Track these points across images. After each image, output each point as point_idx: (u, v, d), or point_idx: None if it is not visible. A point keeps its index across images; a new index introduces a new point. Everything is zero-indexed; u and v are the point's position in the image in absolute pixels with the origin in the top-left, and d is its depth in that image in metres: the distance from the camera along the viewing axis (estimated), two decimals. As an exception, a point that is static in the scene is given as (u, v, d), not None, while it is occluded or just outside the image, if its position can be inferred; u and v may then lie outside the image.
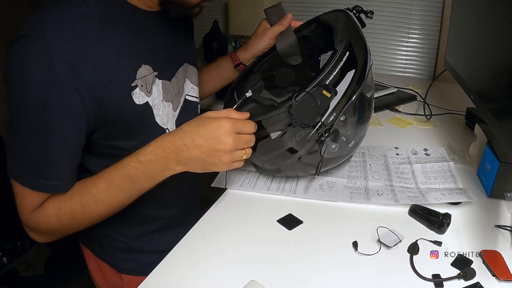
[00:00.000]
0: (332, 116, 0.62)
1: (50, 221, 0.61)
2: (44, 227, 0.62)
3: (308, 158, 0.68)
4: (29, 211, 0.61)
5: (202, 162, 0.59)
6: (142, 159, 0.60)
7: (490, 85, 0.73)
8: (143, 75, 0.65)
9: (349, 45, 0.65)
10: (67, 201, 0.61)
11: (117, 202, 0.63)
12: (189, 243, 0.63)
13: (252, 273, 0.56)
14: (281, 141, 0.65)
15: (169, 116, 0.72)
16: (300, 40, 0.81)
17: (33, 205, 0.61)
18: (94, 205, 0.62)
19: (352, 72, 0.64)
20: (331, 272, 0.56)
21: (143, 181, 0.62)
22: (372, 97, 0.72)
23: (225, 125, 0.57)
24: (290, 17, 0.79)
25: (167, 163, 0.60)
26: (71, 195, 0.62)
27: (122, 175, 0.61)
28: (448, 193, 0.70)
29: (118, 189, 0.62)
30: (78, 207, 0.61)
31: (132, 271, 0.79)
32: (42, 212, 0.61)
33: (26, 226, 0.63)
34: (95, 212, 0.63)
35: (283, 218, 0.68)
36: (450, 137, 0.96)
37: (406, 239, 0.61)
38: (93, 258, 0.83)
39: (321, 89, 0.60)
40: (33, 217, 0.61)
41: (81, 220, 0.63)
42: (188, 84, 0.79)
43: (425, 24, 1.54)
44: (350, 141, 0.69)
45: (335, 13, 0.75)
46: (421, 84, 1.41)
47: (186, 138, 0.58)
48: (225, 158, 0.58)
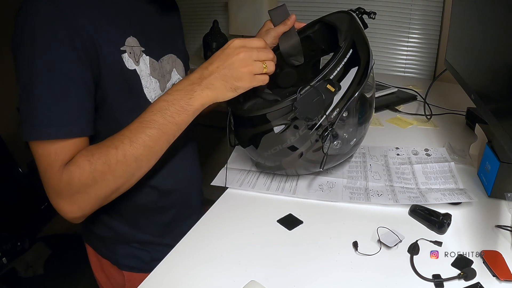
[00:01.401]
0: (335, 112, 0.64)
1: (83, 171, 0.59)
2: (76, 182, 0.60)
3: (310, 155, 0.68)
4: (58, 166, 0.60)
5: (225, 79, 0.62)
6: (170, 91, 0.63)
7: (490, 85, 0.72)
8: (131, 45, 0.67)
9: (352, 43, 0.66)
10: (100, 147, 0.61)
11: (152, 140, 0.62)
12: (189, 243, 0.63)
13: (252, 273, 0.55)
14: (284, 135, 0.65)
15: (156, 92, 0.73)
16: (303, 41, 0.82)
17: (62, 158, 0.60)
18: (129, 145, 0.61)
19: (355, 69, 0.66)
20: (331, 272, 0.56)
21: (175, 113, 0.62)
22: (373, 96, 0.73)
23: (233, 40, 0.63)
24: (293, 17, 0.80)
25: (193, 89, 0.62)
26: (104, 141, 0.62)
27: (153, 110, 0.62)
28: (449, 194, 0.70)
29: (150, 125, 0.61)
30: (112, 151, 0.60)
31: (133, 268, 0.80)
32: (73, 164, 0.60)
33: (56, 191, 0.61)
34: (130, 154, 0.61)
35: (283, 218, 0.68)
36: (450, 137, 0.96)
37: (406, 239, 0.60)
38: (95, 256, 0.84)
39: (325, 84, 0.61)
40: (64, 171, 0.60)
41: (116, 167, 0.61)
42: (175, 74, 0.81)
43: (426, 24, 1.54)
44: (351, 139, 0.70)
45: (339, 14, 0.76)
46: (421, 84, 1.40)
47: (205, 64, 0.63)
48: (243, 69, 0.61)
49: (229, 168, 0.82)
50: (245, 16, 1.73)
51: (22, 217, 1.83)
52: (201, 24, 1.86)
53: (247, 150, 0.76)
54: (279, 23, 0.81)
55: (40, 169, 0.61)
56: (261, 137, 0.67)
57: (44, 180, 0.61)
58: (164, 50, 0.78)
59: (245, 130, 0.71)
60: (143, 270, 0.78)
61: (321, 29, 0.82)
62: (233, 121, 0.71)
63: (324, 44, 0.84)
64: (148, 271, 0.56)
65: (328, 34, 0.80)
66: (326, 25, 0.80)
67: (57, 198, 0.62)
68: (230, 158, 0.87)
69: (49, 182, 0.61)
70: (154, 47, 0.73)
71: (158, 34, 0.77)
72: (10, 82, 1.54)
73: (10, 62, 0.61)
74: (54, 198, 0.62)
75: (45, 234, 1.88)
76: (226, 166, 0.81)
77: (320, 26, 0.82)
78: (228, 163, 0.84)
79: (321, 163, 0.67)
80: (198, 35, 1.84)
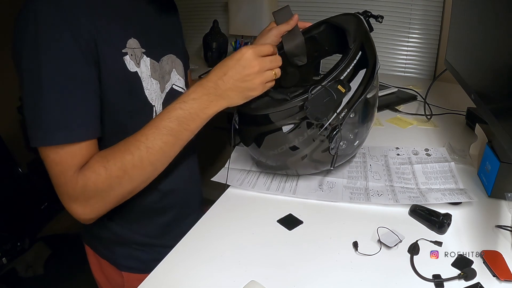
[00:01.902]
0: (343, 112, 0.64)
1: (99, 176, 0.60)
2: (92, 187, 0.60)
3: (316, 155, 0.68)
4: (73, 171, 0.59)
5: (240, 90, 0.65)
6: (186, 99, 0.64)
7: (490, 85, 0.72)
8: (132, 46, 0.67)
9: (361, 45, 0.68)
10: (114, 152, 0.61)
11: (168, 146, 0.64)
12: (189, 243, 0.63)
13: (252, 274, 0.55)
14: (292, 135, 0.66)
15: (157, 94, 0.73)
16: (307, 41, 0.82)
17: (76, 163, 0.60)
18: (145, 151, 0.62)
19: (363, 71, 0.67)
20: (331, 272, 0.56)
21: (190, 120, 0.64)
22: (377, 97, 0.74)
23: (246, 51, 0.64)
24: (296, 17, 0.80)
25: (209, 99, 0.65)
26: (117, 147, 0.62)
27: (169, 118, 0.63)
28: (449, 194, 0.70)
29: (166, 132, 0.63)
30: (127, 156, 0.61)
31: (132, 268, 0.80)
32: (88, 169, 0.60)
33: (71, 196, 0.61)
34: (146, 159, 0.62)
35: (283, 218, 0.68)
36: (450, 137, 0.96)
37: (406, 239, 0.60)
38: (95, 257, 0.83)
39: (336, 84, 0.62)
40: (79, 176, 0.59)
41: (132, 172, 0.62)
42: (175, 74, 0.81)
43: (426, 24, 1.54)
44: (356, 140, 0.70)
45: (346, 16, 0.77)
46: (421, 84, 1.40)
47: (219, 73, 0.64)
48: (257, 80, 0.64)
49: (230, 168, 0.82)
50: (245, 16, 1.73)
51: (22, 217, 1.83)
52: (201, 24, 1.85)
53: (249, 149, 0.76)
54: None
55: (53, 174, 0.61)
56: (268, 136, 0.68)
57: (57, 185, 0.61)
58: (164, 50, 0.78)
59: (252, 128, 0.71)
60: (141, 271, 0.78)
61: (326, 30, 0.83)
62: (238, 120, 0.72)
63: (328, 46, 0.84)
64: (147, 271, 0.56)
65: (333, 35, 0.81)
66: (331, 27, 0.80)
67: (71, 202, 0.62)
68: (230, 158, 0.87)
69: (64, 187, 0.60)
70: (154, 48, 0.73)
71: (158, 34, 0.77)
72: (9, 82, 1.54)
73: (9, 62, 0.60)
74: (68, 202, 0.62)
75: (45, 234, 1.88)
76: (229, 162, 0.82)
77: (326, 27, 0.82)
78: (229, 162, 0.84)
79: (332, 163, 0.69)
80: (198, 35, 1.84)
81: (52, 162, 0.60)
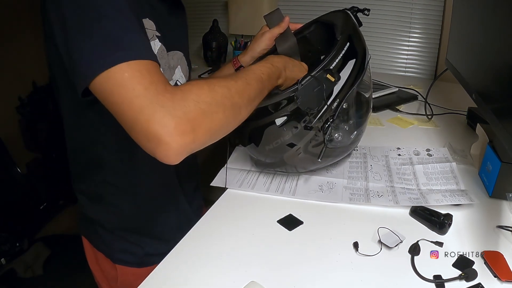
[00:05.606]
0: (335, 103, 0.65)
1: (202, 89, 0.51)
2: (193, 98, 0.49)
3: (311, 148, 0.68)
4: (164, 82, 0.49)
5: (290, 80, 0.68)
6: (272, 62, 0.65)
7: (491, 85, 0.72)
8: (147, 26, 0.65)
9: (349, 37, 0.70)
10: (207, 80, 0.55)
11: (257, 93, 0.60)
12: (188, 244, 0.62)
13: (252, 274, 0.55)
14: (286, 128, 0.67)
15: None
16: (300, 42, 0.83)
17: (164, 79, 0.50)
18: (246, 83, 0.58)
19: (353, 61, 0.69)
20: (331, 273, 0.56)
21: (273, 79, 0.65)
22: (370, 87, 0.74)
23: None
24: (287, 19, 0.81)
25: (280, 72, 0.67)
26: (206, 80, 0.56)
27: (261, 71, 0.62)
28: (450, 195, 0.70)
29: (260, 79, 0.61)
30: (230, 82, 0.56)
31: (126, 262, 0.79)
32: (186, 84, 0.52)
33: (167, 106, 0.46)
34: (243, 90, 0.57)
35: (283, 219, 0.67)
36: (451, 137, 0.95)
37: (407, 240, 0.60)
38: (91, 249, 0.84)
39: (325, 73, 0.62)
40: (174, 88, 0.49)
41: (234, 96, 0.55)
42: (179, 71, 0.81)
43: (426, 24, 1.54)
44: (352, 132, 0.70)
45: (334, 13, 0.79)
46: (422, 84, 1.40)
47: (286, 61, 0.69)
48: None
49: (229, 168, 0.82)
50: (245, 16, 1.73)
51: (21, 218, 1.83)
52: (201, 23, 1.85)
53: (247, 148, 0.76)
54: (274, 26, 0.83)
55: (137, 92, 0.47)
56: (263, 130, 0.68)
57: (142, 104, 0.46)
58: (173, 45, 0.77)
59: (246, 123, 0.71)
60: (135, 265, 0.78)
61: (317, 30, 0.84)
62: None
63: (320, 45, 0.86)
64: (141, 266, 0.56)
65: (324, 34, 0.82)
66: (322, 25, 0.82)
67: (165, 120, 0.46)
68: (230, 158, 0.87)
69: (155, 100, 0.46)
70: (166, 38, 0.72)
71: (170, 29, 0.76)
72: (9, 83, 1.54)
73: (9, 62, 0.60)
74: (160, 122, 0.46)
75: (44, 234, 1.88)
76: (226, 166, 0.81)
77: (316, 26, 0.84)
78: (228, 163, 0.83)
79: (319, 154, 0.66)
80: (198, 34, 1.83)
81: (132, 79, 0.47)
